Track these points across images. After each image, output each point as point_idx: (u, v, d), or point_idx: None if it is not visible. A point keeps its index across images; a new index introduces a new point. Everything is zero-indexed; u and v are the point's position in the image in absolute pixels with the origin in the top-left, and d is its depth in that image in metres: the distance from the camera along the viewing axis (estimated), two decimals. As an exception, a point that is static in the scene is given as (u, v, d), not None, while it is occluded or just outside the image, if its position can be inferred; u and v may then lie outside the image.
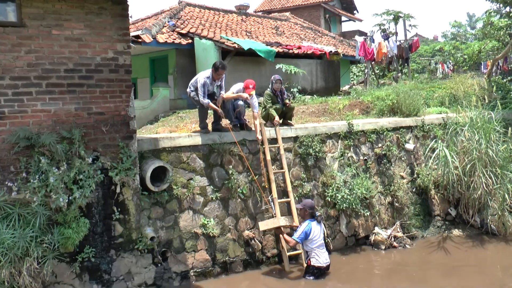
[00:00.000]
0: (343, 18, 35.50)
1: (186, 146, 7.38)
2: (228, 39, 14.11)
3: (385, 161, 9.40)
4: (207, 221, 7.34)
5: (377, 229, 8.80)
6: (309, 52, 15.80)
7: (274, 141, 8.22)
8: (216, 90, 8.00)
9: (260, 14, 25.05)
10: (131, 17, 21.98)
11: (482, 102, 10.29)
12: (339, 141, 9.00)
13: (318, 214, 7.65)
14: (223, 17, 18.87)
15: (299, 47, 15.98)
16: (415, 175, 9.70)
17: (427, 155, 9.74)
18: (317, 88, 16.16)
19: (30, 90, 5.77)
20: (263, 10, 33.15)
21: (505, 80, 16.14)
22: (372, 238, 8.72)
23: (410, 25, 18.92)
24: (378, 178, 9.28)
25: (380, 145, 9.45)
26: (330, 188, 8.46)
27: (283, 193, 8.08)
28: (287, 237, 7.45)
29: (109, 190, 6.38)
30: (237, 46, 13.56)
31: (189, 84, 8.00)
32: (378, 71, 19.58)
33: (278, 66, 14.07)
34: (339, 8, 34.40)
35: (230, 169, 7.68)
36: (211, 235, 7.35)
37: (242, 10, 21.30)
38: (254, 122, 8.04)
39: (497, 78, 16.29)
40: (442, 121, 10.34)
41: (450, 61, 22.81)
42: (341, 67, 18.30)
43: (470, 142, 9.13)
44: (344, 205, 8.33)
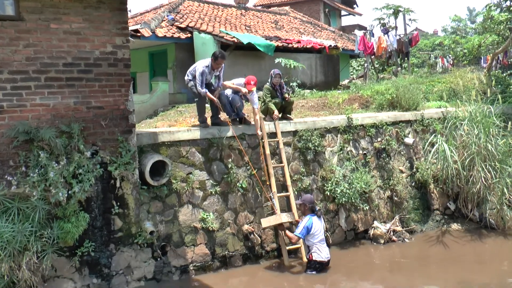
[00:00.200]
0: (343, 12, 35.39)
1: (185, 140, 7.38)
2: (227, 33, 14.07)
3: (384, 155, 9.40)
4: (207, 215, 7.35)
5: (376, 223, 8.82)
6: (308, 46, 15.76)
7: (273, 135, 8.22)
8: (214, 81, 7.98)
9: (259, 8, 25.00)
10: (130, 11, 21.95)
11: (482, 96, 10.28)
12: (339, 135, 8.99)
13: (317, 209, 7.67)
14: (222, 11, 18.80)
15: (299, 41, 15.94)
16: (414, 169, 9.71)
17: (426, 149, 9.75)
18: (316, 82, 16.13)
19: (28, 84, 5.76)
20: (263, 4, 33.00)
21: (504, 74, 16.11)
22: (371, 232, 8.73)
23: (410, 19, 18.85)
24: (377, 172, 9.29)
25: (379, 139, 9.45)
26: (329, 182, 8.47)
27: (283, 187, 8.09)
28: (290, 233, 7.46)
29: (108, 184, 6.39)
30: (236, 40, 13.52)
31: (187, 72, 7.94)
32: (378, 65, 19.54)
33: (277, 60, 14.04)
34: (339, 2, 34.22)
35: (230, 163, 7.68)
36: (211, 229, 7.36)
37: (241, 4, 21.24)
38: (254, 118, 8.03)
39: (497, 72, 16.25)
40: (442, 115, 10.33)
41: (450, 55, 22.69)
42: (340, 61, 18.26)
43: (469, 136, 9.14)
44: (343, 199, 8.34)
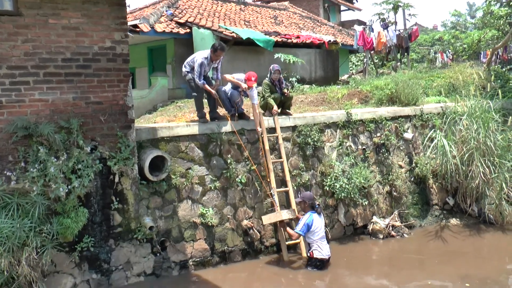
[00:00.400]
0: (342, 8, 35.23)
1: (184, 135, 7.37)
2: (226, 29, 14.04)
3: (383, 150, 9.41)
4: (206, 210, 7.36)
5: (375, 218, 8.83)
6: (307, 41, 15.73)
7: (272, 130, 8.22)
8: (211, 73, 7.96)
9: (258, 3, 24.90)
10: (129, 6, 21.86)
11: (481, 92, 10.28)
12: (338, 130, 8.99)
13: (317, 204, 7.66)
14: (221, 6, 18.76)
15: (298, 37, 15.91)
16: (414, 165, 9.71)
17: (426, 145, 9.75)
18: (315, 77, 16.11)
19: (27, 79, 5.75)
20: (262, -1, 32.88)
21: (504, 69, 16.10)
22: (370, 227, 8.75)
23: (410, 14, 18.96)
24: (377, 168, 9.29)
25: (378, 134, 9.45)
26: (329, 177, 8.48)
27: (282, 182, 8.09)
28: (290, 230, 7.46)
29: (107, 180, 6.39)
30: (235, 36, 13.49)
31: (184, 63, 7.89)
32: (377, 61, 19.52)
33: (276, 56, 14.02)
34: (338, -3, 34.09)
35: (229, 158, 7.68)
36: (210, 225, 7.37)
37: (240, 0, 21.16)
38: (253, 113, 8.03)
39: (496, 67, 16.23)
40: (441, 110, 10.32)
41: (450, 50, 22.68)
42: (340, 57, 18.24)
43: (469, 131, 9.14)
44: (342, 194, 8.35)
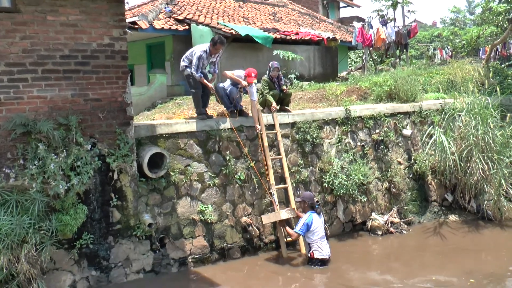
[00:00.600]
0: (341, 4, 35.16)
1: (183, 132, 7.38)
2: (225, 25, 14.00)
3: (382, 147, 9.42)
4: (205, 207, 7.37)
5: (374, 215, 8.84)
6: (306, 38, 15.69)
7: (271, 127, 8.22)
8: (209, 67, 7.96)
9: (257, 0, 24.83)
10: (127, 3, 21.77)
11: (480, 88, 10.28)
12: (337, 127, 9.00)
13: (317, 201, 7.67)
14: (220, 3, 18.69)
15: (297, 33, 15.87)
16: (412, 161, 9.72)
17: (425, 141, 9.75)
18: (314, 74, 16.08)
19: (25, 76, 5.74)
20: (261, -5, 32.78)
21: (503, 65, 16.11)
22: (369, 224, 8.76)
23: (409, 11, 18.88)
24: (375, 164, 9.30)
25: (377, 131, 9.45)
26: (328, 174, 8.49)
27: (281, 179, 8.10)
28: (290, 230, 7.47)
29: (106, 177, 6.39)
30: (234, 32, 13.45)
31: (183, 57, 7.88)
32: (376, 57, 19.51)
33: (275, 52, 13.98)
34: (337, -7, 34.02)
35: (228, 155, 7.68)
36: (209, 222, 7.38)
37: (239, -4, 21.07)
38: (252, 110, 8.02)
39: (495, 63, 16.25)
40: (440, 107, 10.32)
41: (449, 47, 22.69)
42: (339, 53, 18.18)
43: (467, 127, 9.16)
44: (341, 191, 8.35)
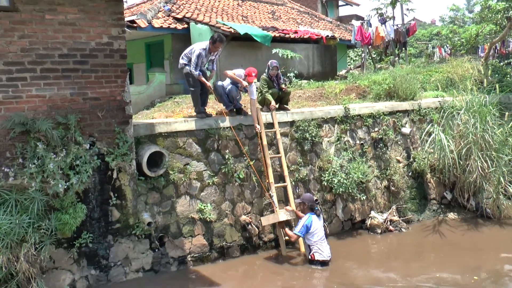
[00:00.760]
0: (340, 3, 35.13)
1: (182, 131, 7.37)
2: (224, 24, 13.99)
3: (381, 145, 9.42)
4: (204, 206, 7.37)
5: (373, 213, 8.86)
6: (305, 36, 15.68)
7: (270, 125, 8.22)
8: (208, 64, 7.96)
9: (256, -2, 24.77)
10: (126, 1, 21.72)
11: (479, 86, 10.29)
12: (336, 125, 9.00)
13: (316, 200, 7.67)
14: (219, 1, 18.67)
15: (296, 32, 15.86)
16: (411, 159, 9.73)
17: (423, 139, 9.76)
18: (313, 72, 16.08)
19: (24, 75, 5.73)
20: (260, -6, 32.73)
21: (502, 63, 16.12)
22: (368, 222, 8.78)
23: (408, 9, 18.77)
24: (375, 162, 9.31)
25: (376, 129, 9.46)
26: (327, 172, 8.49)
27: (280, 177, 8.10)
28: (289, 231, 7.48)
29: (105, 176, 6.39)
30: (233, 31, 13.44)
31: (182, 54, 7.87)
32: (375, 56, 19.50)
33: (274, 51, 13.98)
34: (336, -8, 33.98)
35: (227, 154, 7.68)
36: (208, 220, 7.38)
37: (238, -6, 21.05)
38: (252, 109, 8.02)
39: (494, 61, 16.26)
40: (439, 105, 10.34)
41: (448, 45, 22.72)
42: (338, 52, 18.17)
43: (466, 126, 9.17)
44: (340, 189, 8.36)
